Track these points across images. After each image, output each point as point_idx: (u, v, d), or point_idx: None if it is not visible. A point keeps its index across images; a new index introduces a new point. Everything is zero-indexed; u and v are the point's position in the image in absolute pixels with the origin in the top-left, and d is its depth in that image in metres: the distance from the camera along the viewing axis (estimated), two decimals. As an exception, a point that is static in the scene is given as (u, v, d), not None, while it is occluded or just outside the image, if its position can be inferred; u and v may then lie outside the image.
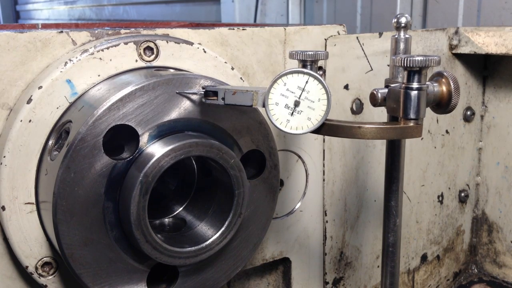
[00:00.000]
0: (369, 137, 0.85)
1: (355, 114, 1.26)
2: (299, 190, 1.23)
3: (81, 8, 7.13)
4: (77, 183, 0.80)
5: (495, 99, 1.53)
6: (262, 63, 1.11)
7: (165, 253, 0.85)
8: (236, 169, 0.89)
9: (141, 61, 0.93)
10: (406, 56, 0.82)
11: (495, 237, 1.60)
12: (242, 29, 1.08)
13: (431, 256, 1.54)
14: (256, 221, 0.99)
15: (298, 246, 1.25)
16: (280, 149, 1.15)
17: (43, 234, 0.88)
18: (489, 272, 1.64)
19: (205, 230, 0.94)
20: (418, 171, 1.43)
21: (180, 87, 0.86)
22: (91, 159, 0.80)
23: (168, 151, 0.82)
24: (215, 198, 0.96)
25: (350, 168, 1.29)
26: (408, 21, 0.95)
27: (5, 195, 0.84)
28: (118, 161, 0.82)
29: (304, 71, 0.83)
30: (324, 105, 0.83)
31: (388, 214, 1.01)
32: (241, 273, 1.25)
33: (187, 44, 0.97)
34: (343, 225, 1.30)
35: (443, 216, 1.54)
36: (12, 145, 0.84)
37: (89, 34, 0.94)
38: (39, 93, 0.85)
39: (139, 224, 0.81)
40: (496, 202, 1.58)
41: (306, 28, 1.16)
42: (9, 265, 0.91)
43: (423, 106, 0.84)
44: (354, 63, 1.21)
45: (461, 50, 1.41)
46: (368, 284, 1.40)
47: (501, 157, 1.54)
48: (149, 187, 0.81)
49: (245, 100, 0.85)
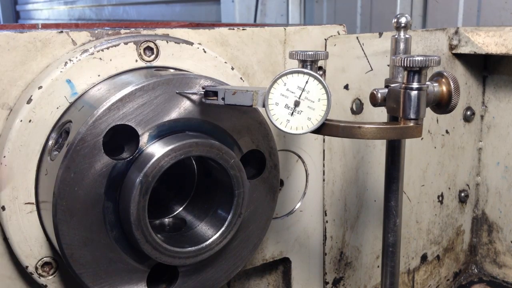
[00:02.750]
0: (369, 137, 0.85)
1: (355, 114, 1.26)
2: (299, 190, 1.23)
3: (81, 8, 7.13)
4: (77, 183, 0.80)
5: (495, 99, 1.53)
6: (262, 63, 1.11)
7: (165, 253, 0.85)
8: (236, 169, 0.89)
9: (141, 61, 0.93)
10: (406, 56, 0.82)
11: (495, 237, 1.60)
12: (242, 29, 1.08)
13: (431, 256, 1.54)
14: (256, 221, 0.99)
15: (298, 246, 1.25)
16: (280, 149, 1.15)
17: (43, 234, 0.88)
18: (489, 272, 1.64)
19: (205, 230, 0.94)
20: (418, 171, 1.43)
21: (180, 87, 0.86)
22: (91, 159, 0.80)
23: (168, 151, 0.82)
24: (215, 198, 0.96)
25: (350, 168, 1.29)
26: (408, 21, 0.95)
27: (5, 195, 0.84)
28: (118, 161, 0.82)
29: (304, 71, 0.83)
30: (324, 105, 0.83)
31: (388, 214, 1.01)
32: (241, 273, 1.25)
33: (187, 44, 0.97)
34: (343, 225, 1.30)
35: (443, 216, 1.54)
36: (12, 145, 0.84)
37: (89, 34, 0.94)
38: (39, 93, 0.85)
39: (139, 224, 0.81)
40: (496, 202, 1.58)
41: (306, 28, 1.16)
42: (9, 265, 0.91)
43: (423, 106, 0.84)
44: (354, 63, 1.21)
45: (461, 50, 1.41)
46: (368, 284, 1.40)
47: (501, 157, 1.54)
48: (149, 187, 0.81)
49: (245, 100, 0.85)
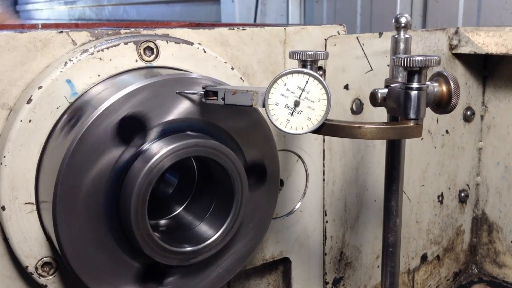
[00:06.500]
0: (369, 137, 0.85)
1: (355, 114, 1.26)
2: (299, 190, 1.22)
3: (81, 8, 7.13)
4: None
5: (495, 99, 1.53)
6: (262, 63, 1.11)
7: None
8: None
9: (141, 61, 0.93)
10: (406, 56, 0.82)
11: (495, 237, 1.60)
12: (242, 29, 1.08)
13: (431, 256, 1.54)
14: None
15: (298, 246, 1.25)
16: (280, 149, 1.15)
17: (43, 234, 0.88)
18: (489, 272, 1.64)
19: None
20: (418, 171, 1.43)
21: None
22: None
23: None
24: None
25: (350, 168, 1.29)
26: (408, 21, 0.95)
27: (5, 195, 0.84)
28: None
29: (304, 71, 0.83)
30: (324, 105, 0.83)
31: (388, 214, 1.01)
32: (241, 273, 1.25)
33: (187, 44, 0.97)
34: (343, 225, 1.30)
35: (443, 216, 1.54)
36: (12, 145, 0.84)
37: (89, 34, 0.93)
38: (39, 93, 0.85)
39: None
40: (496, 202, 1.58)
41: (306, 28, 1.16)
42: (9, 265, 0.91)
43: (423, 106, 0.84)
44: (354, 63, 1.21)
45: (461, 50, 1.41)
46: (368, 284, 1.40)
47: (501, 157, 1.54)
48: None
49: (245, 100, 0.85)
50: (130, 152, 0.83)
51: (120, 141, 0.83)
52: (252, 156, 0.96)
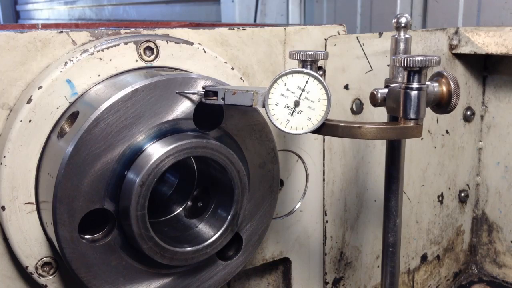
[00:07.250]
0: (369, 137, 0.85)
1: (355, 114, 1.26)
2: (299, 190, 1.22)
3: (81, 8, 7.13)
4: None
5: (495, 99, 1.53)
6: (262, 63, 1.11)
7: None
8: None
9: (141, 61, 0.93)
10: (406, 56, 0.82)
11: (495, 237, 1.60)
12: (242, 29, 1.08)
13: (431, 256, 1.54)
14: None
15: (298, 246, 1.25)
16: (280, 149, 1.15)
17: (43, 234, 0.88)
18: (489, 272, 1.64)
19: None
20: (418, 171, 1.43)
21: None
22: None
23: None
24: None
25: (350, 168, 1.29)
26: (408, 21, 0.95)
27: (5, 195, 0.84)
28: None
29: (304, 71, 0.83)
30: (324, 105, 0.83)
31: (388, 214, 1.01)
32: (241, 273, 1.25)
33: (187, 44, 0.97)
34: (343, 225, 1.30)
35: (443, 216, 1.54)
36: (12, 145, 0.84)
37: (89, 34, 0.94)
38: (39, 93, 0.85)
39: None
40: (496, 202, 1.58)
41: (306, 28, 1.16)
42: (9, 265, 0.91)
43: (423, 106, 0.84)
44: (354, 63, 1.21)
45: (461, 50, 1.41)
46: (368, 284, 1.40)
47: (501, 157, 1.54)
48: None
49: (245, 100, 0.85)
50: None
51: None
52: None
